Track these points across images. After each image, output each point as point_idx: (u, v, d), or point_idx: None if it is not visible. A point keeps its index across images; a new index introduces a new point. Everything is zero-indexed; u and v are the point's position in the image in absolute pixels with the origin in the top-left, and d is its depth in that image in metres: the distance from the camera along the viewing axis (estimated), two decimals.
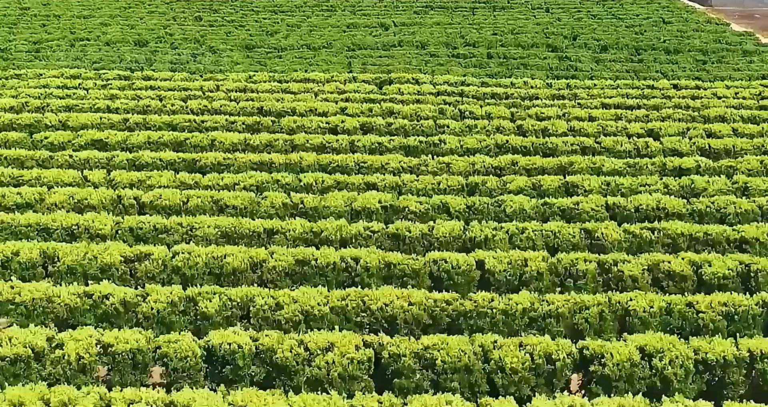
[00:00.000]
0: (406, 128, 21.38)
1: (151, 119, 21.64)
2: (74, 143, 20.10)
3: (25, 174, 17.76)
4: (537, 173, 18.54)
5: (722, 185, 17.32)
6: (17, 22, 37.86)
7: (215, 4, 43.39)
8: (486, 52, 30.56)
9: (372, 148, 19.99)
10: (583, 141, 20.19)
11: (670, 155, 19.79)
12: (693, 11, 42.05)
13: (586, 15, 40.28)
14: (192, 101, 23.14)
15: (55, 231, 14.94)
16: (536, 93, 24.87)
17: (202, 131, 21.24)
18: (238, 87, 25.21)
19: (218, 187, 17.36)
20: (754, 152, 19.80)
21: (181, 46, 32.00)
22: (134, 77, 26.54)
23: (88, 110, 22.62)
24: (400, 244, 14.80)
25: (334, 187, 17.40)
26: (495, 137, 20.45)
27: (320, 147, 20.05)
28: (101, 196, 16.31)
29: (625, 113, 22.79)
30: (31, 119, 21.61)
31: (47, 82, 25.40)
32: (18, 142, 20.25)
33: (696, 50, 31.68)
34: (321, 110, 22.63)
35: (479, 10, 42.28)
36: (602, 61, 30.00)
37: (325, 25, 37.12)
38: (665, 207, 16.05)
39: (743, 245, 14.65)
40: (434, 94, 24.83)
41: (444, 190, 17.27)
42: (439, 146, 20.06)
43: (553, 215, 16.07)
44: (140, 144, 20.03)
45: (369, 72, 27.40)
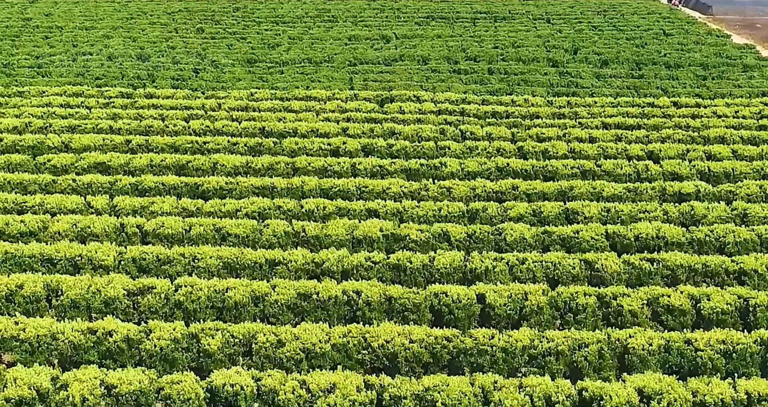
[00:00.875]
0: (407, 150, 21.47)
1: (154, 140, 21.74)
2: (77, 165, 20.20)
3: (29, 200, 17.87)
4: (537, 198, 18.65)
5: (721, 212, 17.42)
6: (20, 34, 37.97)
7: (217, 15, 43.50)
8: (487, 67, 30.64)
9: (373, 171, 20.09)
10: (584, 164, 20.28)
11: (669, 179, 19.89)
12: (694, 22, 42.13)
13: (587, 26, 40.35)
14: (194, 121, 23.24)
15: (58, 262, 15.04)
16: (537, 111, 24.96)
17: (204, 152, 21.35)
18: (240, 105, 25.31)
19: (220, 214, 17.47)
20: (753, 176, 19.89)
21: (182, 60, 32.06)
22: (136, 95, 26.65)
23: (91, 131, 22.71)
24: (401, 275, 14.91)
25: (336, 213, 17.51)
26: (496, 159, 20.54)
27: (322, 170, 20.15)
28: (104, 224, 16.42)
29: (625, 133, 22.88)
30: (34, 140, 21.70)
31: (50, 101, 25.50)
32: (21, 165, 20.36)
33: (696, 64, 31.76)
34: (323, 130, 22.71)
35: (480, 21, 42.39)
36: (603, 76, 30.10)
37: (326, 38, 37.20)
38: (665, 236, 16.15)
39: (742, 276, 14.75)
40: (435, 112, 24.93)
41: (445, 217, 17.36)
42: (440, 169, 20.16)
43: (553, 244, 16.17)
44: (143, 167, 20.13)
45: (370, 89, 27.51)
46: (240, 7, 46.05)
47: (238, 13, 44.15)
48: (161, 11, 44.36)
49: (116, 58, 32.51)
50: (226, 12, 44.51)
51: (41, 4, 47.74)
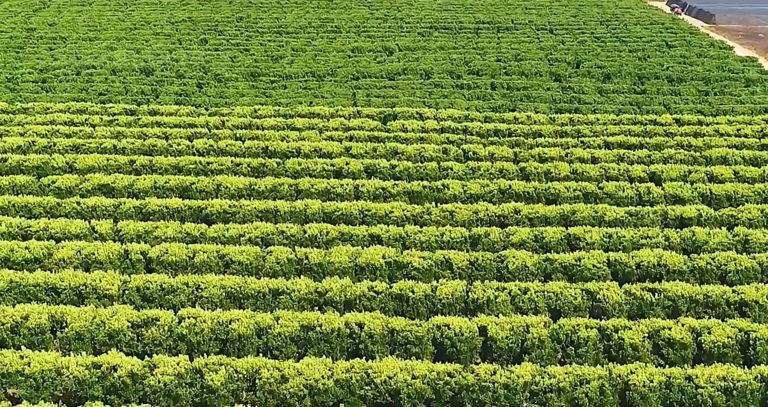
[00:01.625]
0: (410, 171, 21.56)
1: (158, 160, 21.84)
2: (81, 187, 20.30)
3: (33, 225, 17.96)
4: (540, 222, 18.74)
5: (723, 238, 17.49)
6: (24, 45, 38.07)
7: (220, 25, 43.59)
8: (490, 82, 30.72)
9: (376, 193, 20.18)
10: (586, 186, 20.36)
11: (671, 202, 19.97)
12: (696, 33, 42.16)
13: (589, 37, 40.40)
14: (198, 141, 23.33)
15: (63, 291, 15.15)
16: (539, 129, 25.04)
17: (207, 174, 21.45)
18: (244, 123, 25.41)
19: (224, 239, 17.56)
20: (755, 199, 19.97)
21: (186, 74, 32.17)
22: (140, 112, 26.75)
23: (95, 151, 22.83)
24: (404, 305, 15.00)
25: (339, 238, 17.60)
26: (498, 181, 20.62)
27: (325, 192, 20.24)
28: (109, 250, 16.51)
29: (627, 153, 22.95)
30: (38, 160, 21.80)
31: (54, 118, 25.60)
32: (25, 186, 20.46)
33: (699, 79, 31.82)
34: (326, 150, 22.80)
35: (483, 31, 42.44)
36: (605, 91, 30.18)
37: (329, 50, 37.27)
38: (666, 264, 16.22)
39: (743, 307, 14.82)
40: (438, 130, 25.03)
41: (447, 242, 17.45)
42: (443, 191, 20.24)
43: (555, 272, 16.25)
44: (147, 189, 20.23)
45: (373, 105, 27.60)
46: (243, 17, 46.14)
47: (242, 23, 44.23)
48: (165, 21, 44.44)
49: (120, 71, 32.61)
50: (229, 22, 44.59)
51: (45, 13, 47.87)
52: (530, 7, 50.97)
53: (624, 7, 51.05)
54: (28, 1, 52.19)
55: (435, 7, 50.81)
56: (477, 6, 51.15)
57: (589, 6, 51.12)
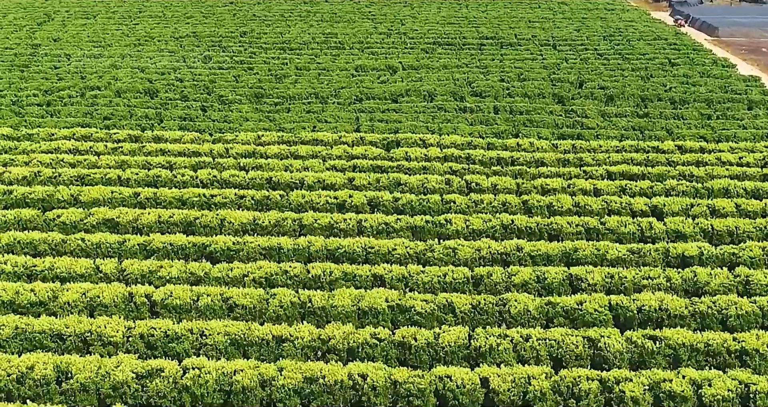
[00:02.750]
0: (413, 204, 21.65)
1: (162, 193, 21.95)
2: (86, 222, 20.42)
3: (39, 264, 18.09)
4: (542, 260, 18.84)
5: (724, 279, 17.58)
6: (29, 62, 38.22)
7: (224, 41, 43.68)
8: (493, 105, 30.79)
9: (379, 228, 20.29)
10: (588, 222, 20.45)
11: (673, 238, 20.07)
12: (700, 49, 42.17)
13: (593, 54, 40.46)
14: (202, 171, 23.44)
15: (68, 338, 15.27)
16: (542, 157, 25.13)
17: (211, 207, 21.58)
18: (248, 150, 25.53)
19: (228, 279, 17.67)
20: (756, 235, 20.06)
21: (190, 95, 32.29)
22: (144, 138, 26.88)
23: (100, 182, 22.97)
24: (406, 353, 15.10)
25: (342, 278, 17.71)
26: (501, 216, 20.71)
27: (328, 227, 20.35)
28: (113, 293, 16.64)
29: (630, 184, 23.01)
30: (43, 192, 21.94)
31: (59, 145, 25.75)
32: (30, 221, 20.59)
33: (701, 100, 31.88)
34: (329, 181, 22.91)
35: (486, 47, 42.49)
36: (608, 114, 30.25)
37: (333, 68, 37.35)
38: (667, 308, 16.31)
39: (744, 356, 14.91)
40: (441, 159, 25.13)
41: (450, 283, 17.55)
42: (446, 227, 20.34)
43: (557, 316, 16.35)
44: (151, 224, 20.35)
45: (377, 131, 27.71)
46: (247, 32, 46.25)
47: (245, 39, 44.32)
48: (169, 36, 44.57)
49: (124, 92, 32.73)
50: (233, 37, 44.69)
51: (49, 27, 48.01)
52: (534, 20, 51.04)
53: (627, 20, 51.09)
54: (32, 14, 52.38)
55: (439, 19, 50.90)
56: (480, 19, 51.22)
57: (593, 19, 51.17)
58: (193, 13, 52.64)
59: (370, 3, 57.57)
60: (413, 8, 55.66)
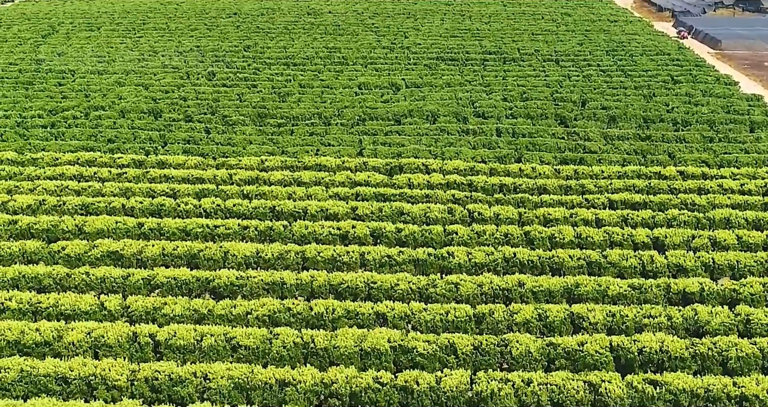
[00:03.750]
0: (415, 236, 21.76)
1: (166, 223, 22.08)
2: (90, 254, 20.55)
3: (44, 300, 18.23)
4: (543, 296, 18.95)
5: (725, 318, 17.68)
6: (33, 80, 38.35)
7: (228, 55, 43.78)
8: (495, 127, 30.89)
9: (382, 262, 20.40)
10: (590, 255, 20.55)
11: (674, 272, 20.18)
12: (702, 65, 42.21)
13: (595, 71, 40.51)
14: (205, 200, 23.57)
15: (73, 381, 15.40)
16: (544, 184, 25.23)
17: (215, 238, 21.71)
18: (251, 177, 25.66)
19: (231, 316, 17.80)
20: (757, 269, 20.16)
21: (194, 115, 32.41)
22: (148, 163, 27.00)
23: (104, 211, 23.11)
24: (409, 398, 15.21)
25: (345, 316, 17.83)
26: (503, 249, 20.81)
27: (331, 260, 20.47)
28: (118, 332, 16.76)
29: (632, 214, 23.10)
30: (48, 223, 22.08)
31: (63, 171, 25.88)
32: (35, 253, 20.72)
33: (704, 121, 31.97)
34: (332, 210, 23.03)
35: (489, 63, 42.57)
36: (610, 137, 30.35)
37: (336, 85, 37.45)
38: (668, 350, 16.42)
39: (743, 402, 15.01)
40: (443, 185, 25.23)
41: (452, 322, 17.66)
42: (448, 260, 20.45)
43: (558, 358, 16.45)
44: (155, 257, 20.49)
45: (380, 155, 27.82)
46: (251, 45, 46.36)
47: (249, 53, 44.43)
48: (172, 50, 44.69)
49: (128, 112, 32.87)
50: (236, 51, 44.79)
51: (54, 40, 48.15)
52: (537, 32, 51.10)
53: (630, 33, 51.13)
54: (37, 26, 52.55)
55: (442, 32, 50.99)
56: (484, 31, 51.29)
57: (596, 32, 51.23)
58: (197, 25, 52.78)
59: (374, 14, 57.65)
60: (416, 20, 55.77)
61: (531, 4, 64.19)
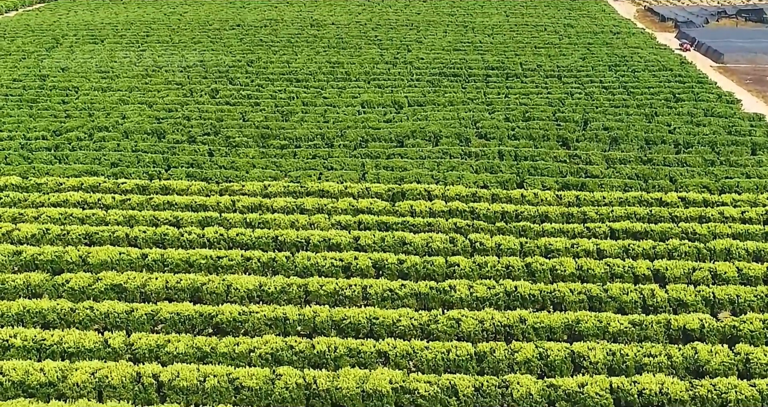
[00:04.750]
0: (417, 268, 21.88)
1: (169, 254, 22.22)
2: (94, 288, 20.68)
3: (48, 337, 18.36)
4: (544, 332, 19.06)
5: (725, 357, 17.78)
6: (37, 97, 38.52)
7: (231, 71, 43.92)
8: (497, 150, 31.01)
9: (384, 295, 20.53)
10: (591, 289, 20.66)
11: (675, 306, 20.29)
12: (704, 81, 42.29)
13: (598, 88, 40.62)
14: (208, 229, 23.70)
15: None
16: (546, 211, 25.35)
17: (218, 270, 21.85)
18: (254, 203, 25.80)
19: (234, 355, 17.93)
20: (757, 305, 20.26)
21: (197, 136, 32.57)
22: (152, 188, 27.15)
23: (108, 240, 23.27)
24: None
25: (347, 354, 17.95)
26: (504, 282, 20.93)
27: (333, 293, 20.60)
28: (122, 373, 16.89)
29: (633, 244, 23.20)
30: (51, 253, 22.23)
31: (67, 197, 26.03)
32: (39, 285, 20.87)
33: (705, 143, 32.07)
34: (335, 240, 23.16)
35: (492, 79, 42.69)
36: (612, 160, 30.45)
37: (339, 103, 37.59)
38: (668, 392, 16.53)
39: None
40: (446, 213, 25.35)
41: (453, 361, 17.77)
42: (450, 293, 20.58)
43: (558, 400, 16.57)
44: (159, 290, 20.63)
45: (382, 180, 27.95)
46: (254, 60, 46.50)
47: (252, 68, 44.58)
48: (176, 66, 44.84)
49: (132, 133, 33.03)
50: (240, 67, 44.94)
51: (57, 54, 48.36)
52: (540, 45, 51.24)
53: (633, 46, 51.24)
54: (40, 38, 52.74)
55: (445, 45, 51.11)
56: (486, 44, 51.42)
57: (599, 45, 51.31)
58: (200, 37, 52.94)
59: (377, 26, 57.80)
60: (419, 31, 55.92)
61: (534, 14, 64.36)
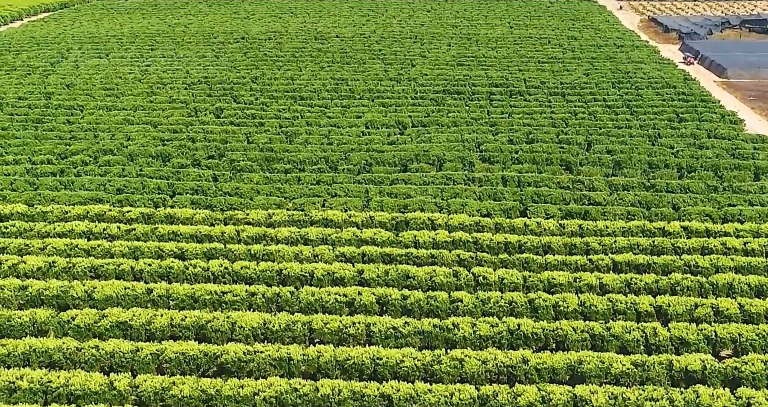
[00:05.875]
0: (420, 304, 22.01)
1: (175, 289, 22.38)
2: (100, 325, 20.84)
3: (54, 379, 18.52)
4: (547, 373, 19.19)
5: (726, 401, 17.89)
6: (43, 117, 38.72)
7: (236, 88, 44.08)
8: (501, 175, 31.15)
9: (388, 333, 20.66)
10: (593, 327, 20.77)
11: (677, 344, 20.39)
12: (708, 99, 42.34)
13: (601, 106, 40.75)
14: (213, 262, 23.86)
15: None
16: (549, 242, 25.47)
17: (223, 306, 22.00)
18: (258, 234, 25.95)
19: (239, 398, 18.08)
20: (759, 344, 20.36)
21: (202, 159, 32.74)
22: (157, 216, 27.31)
23: (113, 274, 23.43)
24: None
25: (351, 398, 18.10)
26: (508, 320, 21.05)
27: (337, 332, 20.74)
28: None
29: (635, 278, 23.30)
30: (57, 288, 22.40)
31: (72, 227, 26.20)
32: (45, 322, 21.03)
33: (708, 167, 32.21)
34: (339, 274, 23.30)
35: (496, 96, 42.81)
36: (615, 185, 30.57)
37: (343, 124, 37.75)
38: None
39: None
40: (449, 243, 25.48)
41: (456, 404, 17.91)
42: (453, 332, 20.70)
43: None
44: (164, 328, 20.78)
45: (386, 207, 28.10)
46: (258, 76, 46.66)
47: (257, 85, 44.71)
48: (180, 82, 45.00)
49: (137, 156, 33.20)
50: (244, 84, 45.09)
51: (62, 69, 48.57)
52: (543, 60, 51.34)
53: (636, 61, 51.33)
54: (45, 52, 52.92)
55: (449, 60, 51.25)
56: (490, 59, 51.55)
57: (603, 60, 51.43)
58: (204, 51, 53.13)
59: (380, 39, 57.94)
60: (423, 45, 56.04)
61: (538, 25, 64.52)
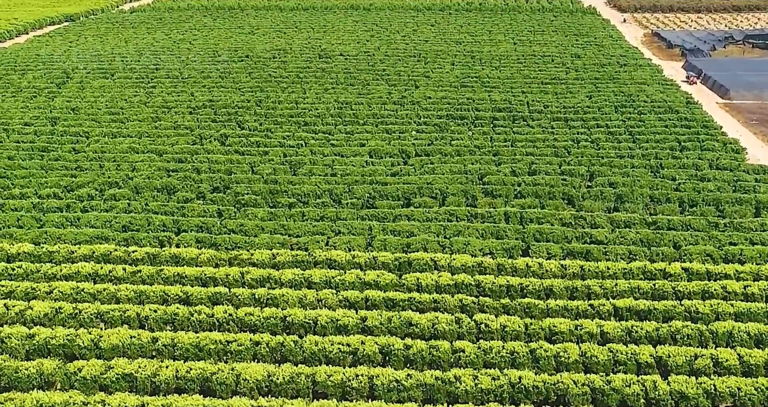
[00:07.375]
0: (423, 354, 22.25)
1: (180, 339, 22.63)
2: (106, 377, 21.10)
3: None
4: None
5: None
6: (48, 144, 38.98)
7: (240, 112, 44.31)
8: (503, 212, 31.34)
9: (390, 386, 20.91)
10: (594, 381, 20.99)
11: (677, 398, 20.62)
12: (710, 126, 42.50)
13: (604, 133, 40.95)
14: (218, 308, 24.12)
15: None
16: (551, 285, 25.70)
17: (228, 356, 22.25)
18: (263, 276, 26.19)
19: None
20: (758, 399, 20.58)
21: (206, 193, 33.01)
22: (162, 257, 27.57)
23: (119, 320, 23.70)
24: None
25: None
26: (509, 372, 21.28)
27: (340, 384, 20.99)
28: None
29: (636, 325, 23.52)
30: (63, 336, 22.66)
31: (78, 269, 26.46)
32: (52, 374, 21.30)
33: (710, 201, 32.40)
34: (342, 322, 23.55)
35: (499, 121, 43.01)
36: (617, 222, 30.77)
37: (347, 152, 38.00)
38: None
39: None
40: (452, 286, 25.70)
41: None
42: (455, 385, 20.94)
43: None
44: (169, 380, 21.03)
45: (389, 246, 28.34)
46: (262, 99, 46.87)
47: (261, 110, 44.93)
48: (185, 107, 45.25)
49: (142, 189, 33.45)
50: (248, 107, 45.32)
51: (68, 90, 48.86)
52: (547, 81, 51.54)
53: (639, 82, 51.48)
54: (51, 73, 53.19)
55: (452, 80, 51.47)
56: (494, 79, 51.76)
57: (606, 81, 51.60)
58: (209, 71, 53.38)
59: (384, 57, 58.17)
60: (426, 64, 56.23)
61: (542, 41, 64.72)
